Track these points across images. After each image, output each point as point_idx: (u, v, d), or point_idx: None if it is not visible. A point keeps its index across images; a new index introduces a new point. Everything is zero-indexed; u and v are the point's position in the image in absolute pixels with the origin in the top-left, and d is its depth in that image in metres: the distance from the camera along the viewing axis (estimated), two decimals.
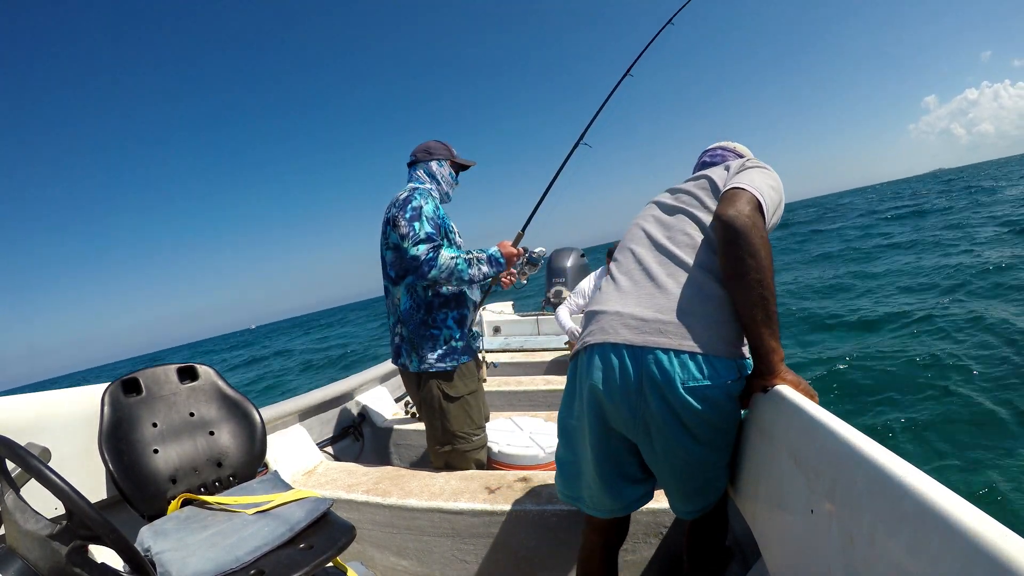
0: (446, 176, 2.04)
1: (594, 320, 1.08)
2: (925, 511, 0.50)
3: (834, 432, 0.69)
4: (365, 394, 2.75)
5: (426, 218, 1.81)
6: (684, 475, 1.03)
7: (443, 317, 1.90)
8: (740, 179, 1.05)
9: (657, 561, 1.51)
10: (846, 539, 0.63)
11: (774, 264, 0.94)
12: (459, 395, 1.92)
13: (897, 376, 4.81)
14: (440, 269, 1.78)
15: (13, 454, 0.84)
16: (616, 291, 1.08)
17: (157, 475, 1.41)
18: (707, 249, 1.04)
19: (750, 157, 1.30)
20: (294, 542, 1.20)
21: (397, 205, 1.85)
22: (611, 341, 0.99)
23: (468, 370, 1.97)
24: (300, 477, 1.98)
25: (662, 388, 0.93)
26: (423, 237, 1.78)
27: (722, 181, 1.12)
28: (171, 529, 1.23)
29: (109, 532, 0.84)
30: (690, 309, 0.97)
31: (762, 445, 0.95)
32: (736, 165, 1.14)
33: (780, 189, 1.08)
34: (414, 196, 1.85)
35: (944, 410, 3.99)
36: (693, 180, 1.20)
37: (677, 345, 0.93)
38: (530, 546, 1.58)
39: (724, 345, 0.96)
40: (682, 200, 1.16)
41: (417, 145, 2.05)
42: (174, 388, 1.57)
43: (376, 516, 1.72)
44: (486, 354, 3.57)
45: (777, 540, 0.87)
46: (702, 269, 1.01)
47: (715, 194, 1.10)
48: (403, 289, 1.90)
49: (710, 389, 0.93)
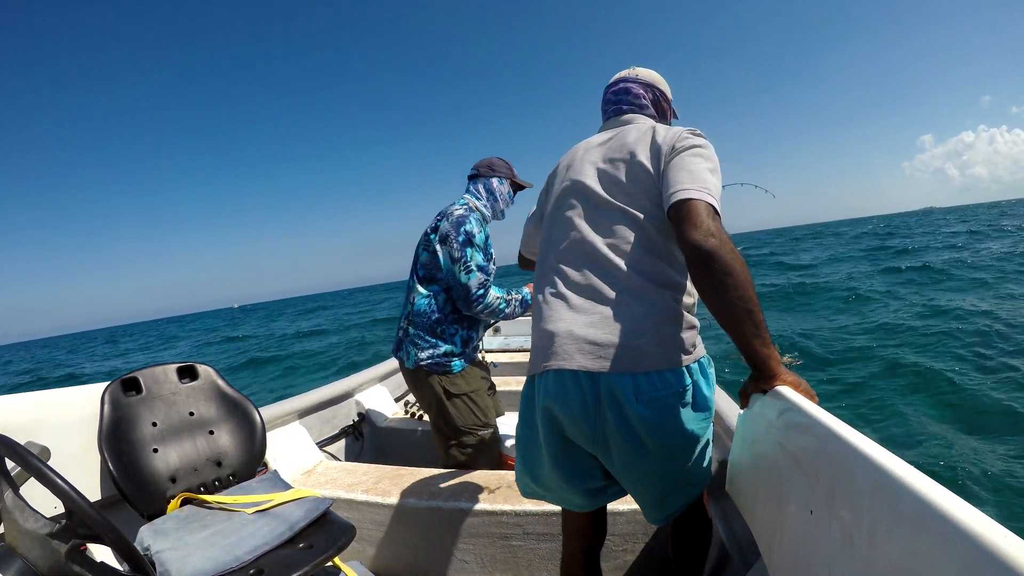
0: (504, 195, 2.09)
1: (547, 340, 1.04)
2: (925, 511, 0.50)
3: (834, 432, 0.69)
4: (365, 394, 2.75)
5: (477, 247, 1.87)
6: (647, 484, 1.03)
7: (452, 332, 1.94)
8: (683, 182, 0.97)
9: (656, 560, 1.51)
10: (846, 539, 0.63)
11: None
12: (460, 392, 1.93)
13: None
14: (486, 307, 1.89)
15: (13, 453, 0.84)
16: (566, 308, 1.04)
17: (157, 474, 1.41)
18: (646, 252, 1.02)
19: (666, 95, 1.26)
20: (294, 541, 1.20)
21: (451, 221, 1.89)
22: (568, 368, 0.98)
23: (470, 372, 1.98)
24: (300, 476, 1.98)
25: (619, 404, 0.95)
26: (475, 268, 1.85)
27: (652, 163, 1.05)
28: (171, 528, 1.23)
29: (108, 531, 0.84)
30: (641, 329, 0.96)
31: (761, 445, 0.95)
32: (666, 143, 1.05)
33: (717, 165, 1.03)
34: (468, 220, 1.88)
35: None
36: (619, 157, 1.10)
37: (632, 369, 0.94)
38: (530, 546, 1.58)
39: (675, 356, 0.96)
40: (614, 193, 1.08)
41: (481, 159, 2.12)
42: (174, 387, 1.57)
43: (376, 516, 1.72)
44: (486, 354, 3.57)
45: (777, 540, 0.87)
46: (646, 279, 1.00)
47: (649, 182, 1.04)
48: (425, 292, 1.94)
49: (663, 399, 0.95)
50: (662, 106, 1.29)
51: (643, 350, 0.95)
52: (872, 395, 4.87)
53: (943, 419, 4.14)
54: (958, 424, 4.01)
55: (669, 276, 1.02)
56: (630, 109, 1.24)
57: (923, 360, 5.57)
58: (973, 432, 3.84)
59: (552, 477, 1.09)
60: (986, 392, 4.41)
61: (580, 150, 1.21)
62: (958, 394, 4.50)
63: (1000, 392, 4.37)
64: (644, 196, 1.05)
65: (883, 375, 5.40)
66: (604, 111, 1.29)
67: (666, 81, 1.30)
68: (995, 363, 5.15)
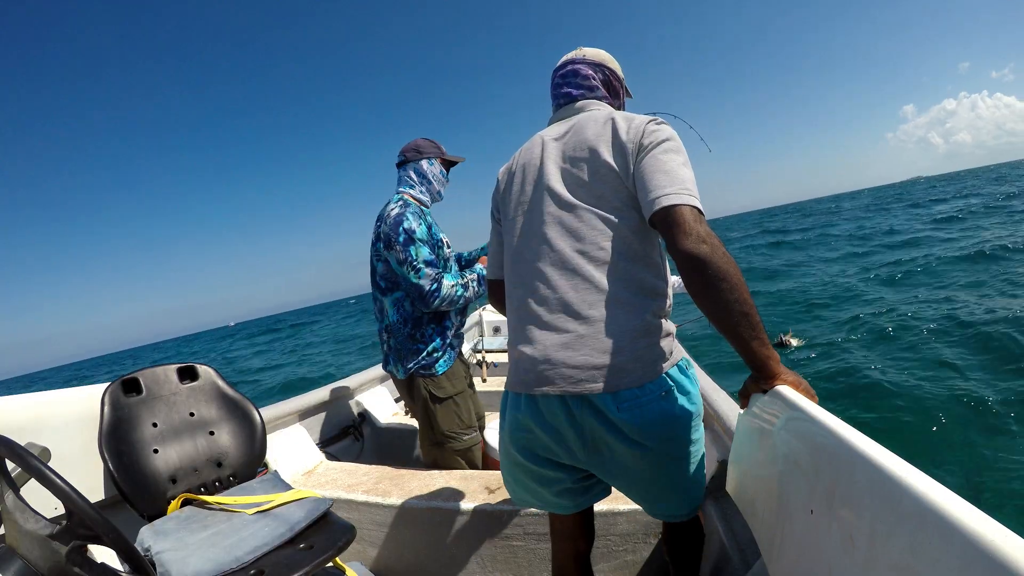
0: (437, 175, 2.01)
1: (524, 363, 1.02)
2: (925, 511, 0.50)
3: (834, 432, 0.69)
4: (365, 394, 2.76)
5: (420, 241, 1.81)
6: (643, 485, 1.03)
7: (429, 332, 1.92)
8: (663, 186, 0.93)
9: (656, 560, 1.51)
10: (846, 539, 0.63)
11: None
12: (447, 396, 1.93)
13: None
14: (442, 300, 1.84)
15: (13, 454, 0.84)
16: (538, 328, 1.01)
17: (157, 475, 1.41)
18: (620, 257, 0.99)
19: (617, 75, 1.21)
20: (294, 542, 1.20)
21: (388, 224, 1.82)
22: (550, 393, 0.98)
23: (454, 372, 1.97)
24: (300, 477, 1.98)
25: (602, 414, 0.95)
26: (422, 265, 1.80)
27: (618, 160, 1.00)
28: (171, 529, 1.23)
29: (109, 532, 0.84)
30: (618, 348, 0.95)
31: (761, 445, 0.95)
32: (631, 139, 1.00)
33: (686, 154, 1.00)
34: (405, 217, 1.82)
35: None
36: (581, 156, 1.04)
37: (612, 388, 0.94)
38: (530, 546, 1.58)
39: (654, 368, 0.96)
40: (580, 195, 1.03)
41: (405, 144, 2.03)
42: (174, 388, 1.57)
43: (376, 516, 1.72)
44: (486, 354, 3.57)
45: (777, 540, 0.87)
46: (620, 287, 0.98)
47: (617, 181, 1.00)
48: (390, 301, 1.92)
49: (644, 404, 0.95)
50: (613, 86, 1.23)
51: (621, 367, 0.94)
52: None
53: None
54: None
55: (645, 281, 0.99)
56: (580, 94, 1.17)
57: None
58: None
59: (530, 484, 1.10)
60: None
61: (535, 148, 1.14)
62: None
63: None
64: (613, 196, 1.01)
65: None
66: (554, 96, 1.22)
67: (617, 60, 1.24)
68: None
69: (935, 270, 9.83)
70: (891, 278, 10.01)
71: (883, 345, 6.08)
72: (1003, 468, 3.26)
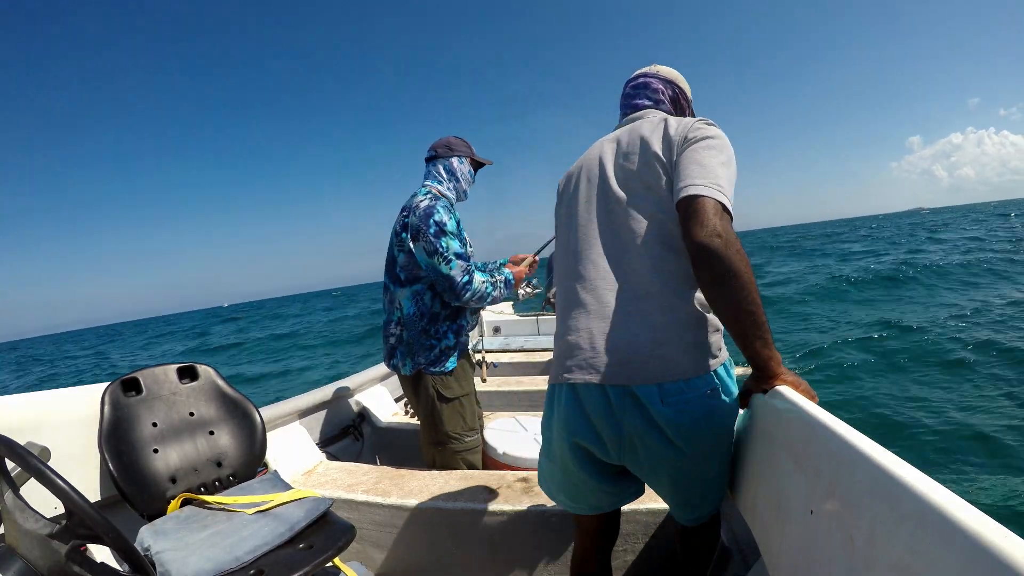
0: (466, 174, 2.01)
1: (569, 350, 1.03)
2: (925, 511, 0.50)
3: (834, 432, 0.69)
4: (365, 394, 2.76)
5: (451, 234, 1.81)
6: (678, 486, 1.02)
7: (444, 329, 1.92)
8: (693, 176, 0.95)
9: (656, 560, 1.51)
10: (846, 539, 0.63)
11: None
12: (454, 396, 1.92)
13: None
14: (474, 294, 1.84)
15: (13, 453, 0.85)
16: (586, 315, 1.02)
17: (157, 475, 1.41)
18: (667, 249, 0.99)
19: (686, 94, 1.23)
20: (294, 542, 1.20)
21: (418, 215, 1.81)
22: (594, 382, 0.97)
23: (463, 372, 1.97)
24: (300, 477, 1.98)
25: (644, 408, 0.94)
26: (454, 257, 1.80)
27: (666, 154, 1.02)
28: (171, 529, 1.23)
29: (109, 531, 0.84)
30: (665, 339, 0.95)
31: (761, 445, 0.95)
32: (679, 133, 1.03)
33: (733, 159, 1.00)
34: (436, 209, 1.81)
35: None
36: (634, 151, 1.07)
37: (657, 379, 0.93)
38: (531, 546, 1.58)
39: (703, 362, 0.95)
40: (631, 188, 1.05)
41: (437, 140, 2.02)
42: (174, 388, 1.57)
43: (376, 516, 1.72)
44: (486, 354, 3.58)
45: (777, 540, 0.87)
46: (668, 279, 0.98)
47: (663, 173, 1.02)
48: (408, 294, 1.90)
49: (690, 401, 0.94)
50: (681, 104, 1.26)
51: (668, 358, 0.93)
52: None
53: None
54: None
55: (691, 272, 0.97)
56: (648, 106, 1.21)
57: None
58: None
59: (566, 481, 1.09)
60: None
61: (595, 149, 1.18)
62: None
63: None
64: (661, 188, 1.02)
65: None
66: (622, 106, 1.26)
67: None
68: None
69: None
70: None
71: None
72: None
